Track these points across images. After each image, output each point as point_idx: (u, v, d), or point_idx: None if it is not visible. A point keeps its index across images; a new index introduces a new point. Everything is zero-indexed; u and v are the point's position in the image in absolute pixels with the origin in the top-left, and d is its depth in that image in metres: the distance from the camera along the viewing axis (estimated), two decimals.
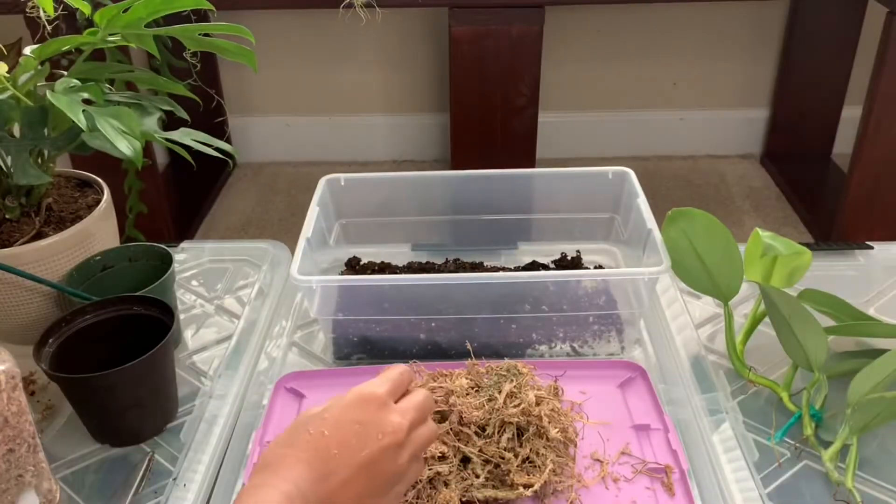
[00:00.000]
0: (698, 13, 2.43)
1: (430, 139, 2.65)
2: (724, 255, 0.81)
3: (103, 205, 0.86)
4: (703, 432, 0.73)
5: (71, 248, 0.82)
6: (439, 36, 2.46)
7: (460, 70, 1.87)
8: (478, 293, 0.83)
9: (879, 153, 1.82)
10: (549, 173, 1.01)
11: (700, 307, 0.93)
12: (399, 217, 1.02)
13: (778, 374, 0.82)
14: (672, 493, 0.68)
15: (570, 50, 2.48)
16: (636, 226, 0.92)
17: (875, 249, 1.00)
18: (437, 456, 0.66)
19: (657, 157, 2.65)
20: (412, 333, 0.86)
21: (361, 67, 2.54)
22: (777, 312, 0.74)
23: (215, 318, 0.94)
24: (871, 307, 0.92)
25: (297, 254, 0.83)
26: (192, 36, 0.80)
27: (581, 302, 0.85)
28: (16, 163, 0.76)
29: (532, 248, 1.03)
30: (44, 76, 0.80)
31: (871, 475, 0.70)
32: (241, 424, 0.78)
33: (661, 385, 0.81)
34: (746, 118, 2.61)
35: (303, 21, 2.45)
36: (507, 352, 0.86)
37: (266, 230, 2.33)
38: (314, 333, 0.92)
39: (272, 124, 2.65)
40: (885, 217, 1.91)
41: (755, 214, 2.34)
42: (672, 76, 2.55)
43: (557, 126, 2.58)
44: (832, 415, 0.73)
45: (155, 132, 0.81)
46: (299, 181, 2.59)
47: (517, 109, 1.91)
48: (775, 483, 0.70)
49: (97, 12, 0.76)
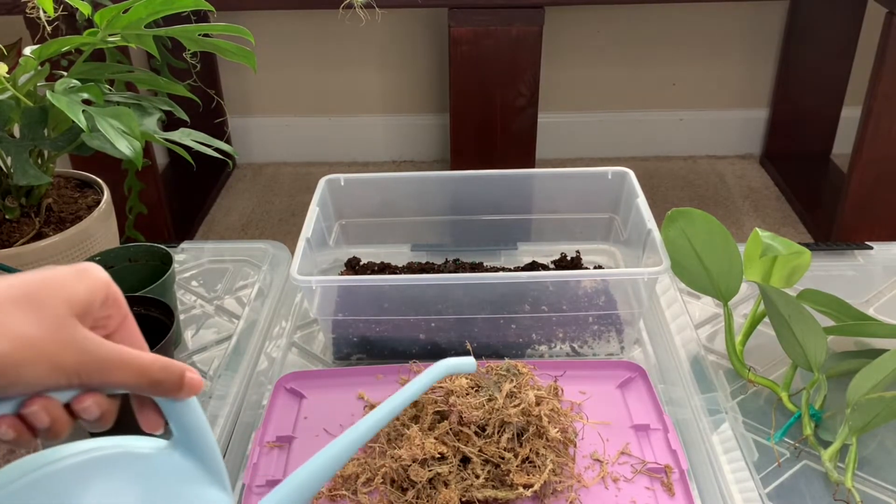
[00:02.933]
0: (698, 13, 2.43)
1: (429, 139, 2.65)
2: (724, 255, 0.81)
3: (103, 205, 0.86)
4: (702, 432, 0.73)
5: (71, 249, 0.82)
6: (439, 36, 2.46)
7: (460, 70, 1.87)
8: (477, 293, 0.84)
9: (879, 153, 1.82)
10: (548, 173, 1.01)
11: (700, 307, 0.93)
12: (399, 217, 1.02)
13: (777, 374, 0.82)
14: (672, 493, 0.68)
15: (570, 50, 2.48)
16: (636, 226, 0.92)
17: (874, 249, 1.00)
18: (437, 456, 0.66)
19: (657, 158, 2.65)
20: (412, 333, 0.86)
21: (361, 67, 2.54)
22: (776, 312, 0.74)
23: (215, 319, 0.94)
24: (870, 307, 0.92)
25: (296, 254, 0.83)
26: (192, 36, 0.80)
27: (581, 302, 0.85)
28: (16, 163, 0.76)
29: (532, 248, 1.03)
30: (44, 76, 0.80)
31: (871, 475, 0.70)
32: (241, 424, 0.78)
33: (661, 385, 0.81)
34: (746, 118, 2.61)
35: (303, 21, 2.45)
36: (507, 352, 0.86)
37: (266, 230, 2.33)
38: (314, 333, 0.92)
39: (272, 124, 2.65)
40: (884, 217, 1.91)
41: (755, 214, 2.34)
42: (672, 76, 2.55)
43: (557, 126, 2.58)
44: (832, 415, 0.73)
45: (155, 132, 0.82)
46: (299, 181, 2.59)
47: (517, 109, 1.91)
48: (775, 483, 0.70)
49: (97, 13, 0.76)
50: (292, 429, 0.77)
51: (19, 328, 0.39)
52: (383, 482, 0.67)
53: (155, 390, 0.44)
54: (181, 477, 0.45)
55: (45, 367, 0.40)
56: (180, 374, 0.44)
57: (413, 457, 0.66)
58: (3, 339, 0.39)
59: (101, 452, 0.43)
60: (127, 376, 0.42)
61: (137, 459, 0.44)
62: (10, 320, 0.40)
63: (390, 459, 0.68)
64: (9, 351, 0.39)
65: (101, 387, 0.42)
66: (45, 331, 0.40)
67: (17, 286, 0.41)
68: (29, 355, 0.39)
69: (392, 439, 0.71)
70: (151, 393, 0.44)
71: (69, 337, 0.41)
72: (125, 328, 0.46)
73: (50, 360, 0.40)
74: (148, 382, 0.43)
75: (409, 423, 0.71)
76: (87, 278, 0.43)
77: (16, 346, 0.39)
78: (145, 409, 0.46)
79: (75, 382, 0.41)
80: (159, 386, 0.44)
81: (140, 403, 0.46)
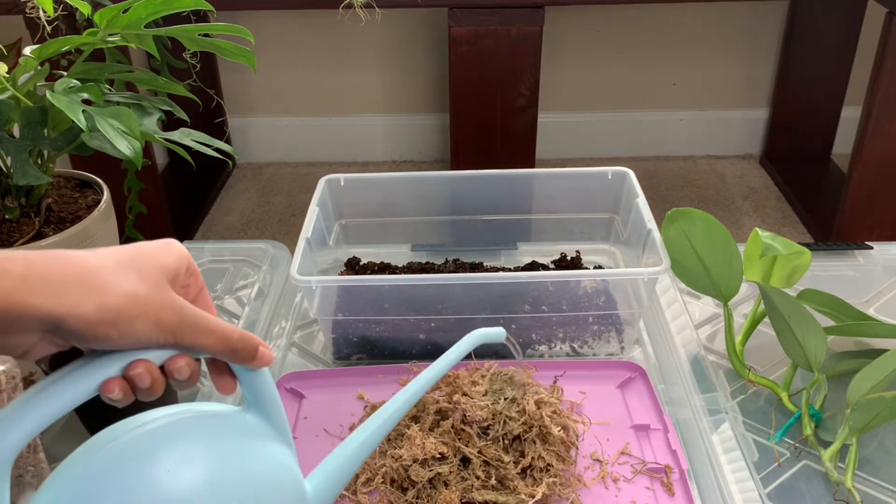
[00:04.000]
0: (698, 13, 2.43)
1: (429, 139, 2.65)
2: (724, 255, 0.81)
3: (103, 205, 0.86)
4: (702, 432, 0.73)
5: (71, 249, 0.82)
6: (439, 36, 2.46)
7: (460, 70, 1.87)
8: (477, 293, 0.84)
9: (879, 153, 1.82)
10: (548, 173, 1.01)
11: (700, 307, 0.93)
12: (398, 217, 1.02)
13: (777, 375, 0.82)
14: (672, 493, 0.68)
15: (570, 50, 2.48)
16: (636, 226, 0.92)
17: (874, 249, 1.00)
18: (437, 456, 0.66)
19: (657, 158, 2.65)
20: (412, 333, 0.86)
21: (361, 67, 2.54)
22: (776, 312, 0.74)
23: None
24: (870, 307, 0.92)
25: (296, 254, 0.83)
26: (192, 36, 0.80)
27: (581, 302, 0.85)
28: (16, 163, 0.76)
29: (532, 248, 1.03)
30: (44, 76, 0.80)
31: (871, 475, 0.70)
32: None
33: (661, 385, 0.81)
34: (746, 118, 2.61)
35: (303, 21, 2.45)
36: (507, 352, 0.86)
37: (266, 230, 2.33)
38: (314, 333, 0.92)
39: (272, 124, 2.65)
40: (884, 217, 1.91)
41: (755, 214, 2.34)
42: (672, 76, 2.55)
43: (557, 126, 2.58)
44: (832, 415, 0.73)
45: (154, 132, 0.82)
46: (299, 181, 2.59)
47: (517, 109, 1.91)
48: (775, 483, 0.70)
49: (97, 13, 0.76)
50: (292, 429, 0.77)
51: (130, 286, 0.44)
52: (383, 482, 0.67)
53: (233, 357, 0.48)
54: (253, 435, 0.49)
55: (151, 322, 0.44)
56: (255, 346, 0.49)
57: (413, 456, 0.66)
58: (119, 294, 0.43)
59: (184, 415, 0.48)
60: (212, 341, 0.47)
61: (216, 419, 0.49)
62: (122, 279, 0.44)
63: (390, 459, 0.68)
64: (124, 305, 0.43)
65: (190, 347, 0.46)
66: (149, 291, 0.45)
67: (119, 253, 0.46)
68: (140, 310, 0.44)
69: (392, 439, 0.71)
70: (229, 359, 0.48)
71: (169, 298, 0.46)
72: (202, 298, 0.52)
73: (155, 316, 0.44)
74: (228, 349, 0.47)
75: (410, 422, 0.71)
76: (173, 250, 0.48)
77: (129, 302, 0.43)
78: (222, 374, 0.50)
79: (170, 341, 0.45)
80: (237, 353, 0.48)
81: (217, 369, 0.50)
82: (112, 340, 0.43)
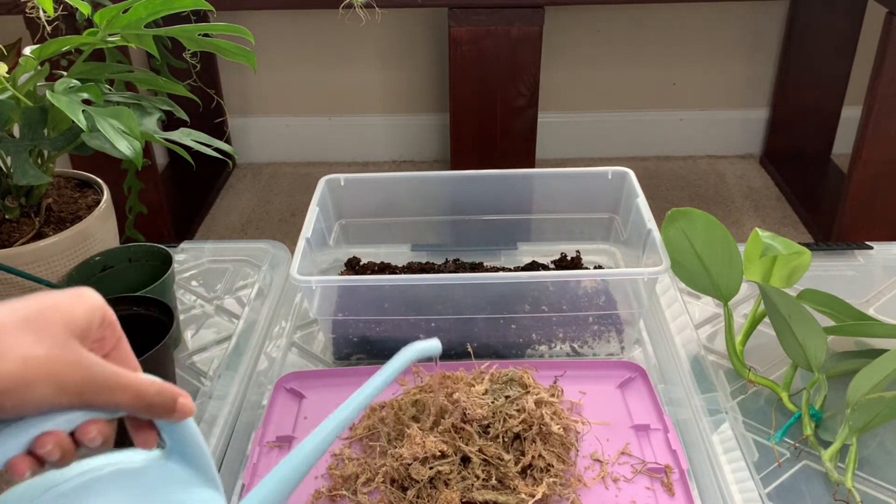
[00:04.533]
0: (698, 13, 2.43)
1: (429, 139, 2.65)
2: (724, 255, 0.81)
3: (103, 205, 0.86)
4: (702, 432, 0.73)
5: (71, 249, 0.82)
6: (439, 36, 2.46)
7: (460, 70, 1.87)
8: (477, 293, 0.84)
9: (879, 153, 1.82)
10: (548, 173, 1.01)
11: (700, 307, 0.93)
12: (399, 217, 1.02)
13: (777, 375, 0.82)
14: (672, 493, 0.68)
15: (570, 50, 2.48)
16: (636, 226, 0.92)
17: (874, 249, 1.00)
18: (438, 454, 0.66)
19: (657, 158, 2.65)
20: (412, 333, 0.86)
21: (361, 67, 2.54)
22: (776, 312, 0.74)
23: (215, 319, 0.94)
24: (870, 307, 0.92)
25: (296, 254, 0.83)
26: (192, 36, 0.80)
27: (581, 302, 0.85)
28: (16, 163, 0.76)
29: (532, 248, 1.03)
30: (44, 76, 0.80)
31: (871, 475, 0.70)
32: (241, 424, 0.78)
33: (661, 385, 0.81)
34: (746, 118, 2.61)
35: (303, 21, 2.45)
36: (507, 352, 0.86)
37: (266, 230, 2.33)
38: (314, 333, 0.92)
39: (272, 124, 2.65)
40: (884, 217, 1.91)
41: (755, 214, 2.34)
42: (672, 76, 2.55)
43: (557, 126, 2.58)
44: (832, 415, 0.73)
45: (154, 132, 0.82)
46: (299, 181, 2.59)
47: (517, 109, 1.92)
48: (775, 483, 0.70)
49: (97, 13, 0.76)
50: (292, 429, 0.77)
51: (27, 349, 0.40)
52: (384, 481, 0.67)
53: (150, 412, 0.45)
54: (175, 484, 0.47)
55: (51, 386, 0.40)
56: (174, 399, 0.45)
57: (414, 455, 0.66)
58: (12, 360, 0.39)
59: (99, 472, 0.44)
60: (126, 398, 0.43)
61: (133, 474, 0.46)
62: (17, 342, 0.40)
63: (391, 458, 0.68)
64: (18, 371, 0.39)
65: (101, 407, 0.43)
66: (50, 352, 0.41)
67: (19, 310, 0.42)
68: (37, 375, 0.40)
69: (392, 439, 0.71)
70: (146, 415, 0.45)
71: (73, 358, 0.42)
72: (119, 350, 0.47)
73: (56, 379, 0.41)
74: (145, 405, 0.44)
75: (410, 422, 0.71)
76: (84, 301, 0.44)
77: (25, 367, 0.40)
78: (142, 428, 0.47)
79: (77, 403, 0.42)
80: (154, 409, 0.45)
81: (135, 423, 0.47)
82: (7, 410, 0.40)
